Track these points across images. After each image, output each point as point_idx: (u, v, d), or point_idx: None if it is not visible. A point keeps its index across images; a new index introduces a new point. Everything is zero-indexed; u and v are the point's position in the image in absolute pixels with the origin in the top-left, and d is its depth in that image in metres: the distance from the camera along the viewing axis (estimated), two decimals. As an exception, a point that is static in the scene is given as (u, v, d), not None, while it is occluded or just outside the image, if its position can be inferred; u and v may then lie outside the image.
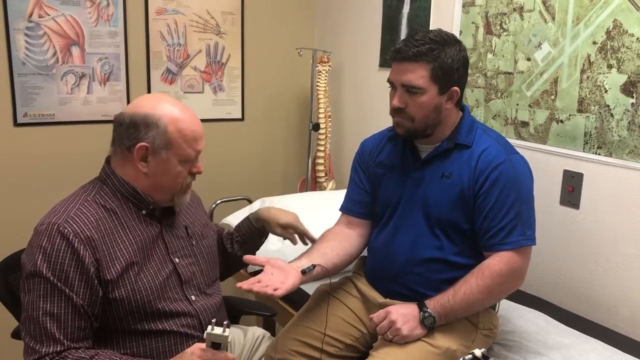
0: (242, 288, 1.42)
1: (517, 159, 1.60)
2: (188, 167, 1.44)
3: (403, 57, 1.54)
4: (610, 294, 1.93)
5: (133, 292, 1.36)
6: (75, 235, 1.30)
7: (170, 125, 1.38)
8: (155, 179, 1.42)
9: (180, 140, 1.40)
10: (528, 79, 2.12)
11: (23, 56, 2.51)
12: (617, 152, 1.87)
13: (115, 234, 1.37)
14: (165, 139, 1.38)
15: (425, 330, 1.53)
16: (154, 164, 1.40)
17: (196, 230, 1.58)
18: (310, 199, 2.62)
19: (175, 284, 1.46)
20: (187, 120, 1.42)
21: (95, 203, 1.39)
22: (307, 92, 3.12)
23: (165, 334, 1.41)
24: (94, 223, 1.34)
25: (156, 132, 1.38)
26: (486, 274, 1.52)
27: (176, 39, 2.86)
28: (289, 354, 1.63)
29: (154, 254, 1.44)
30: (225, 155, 3.06)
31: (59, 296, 1.28)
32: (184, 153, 1.41)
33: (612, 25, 1.84)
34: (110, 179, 1.42)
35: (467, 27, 2.33)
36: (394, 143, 1.73)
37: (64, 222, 1.31)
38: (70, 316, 1.29)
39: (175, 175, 1.42)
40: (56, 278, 1.28)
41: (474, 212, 1.57)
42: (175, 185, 1.44)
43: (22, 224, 2.50)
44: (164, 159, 1.40)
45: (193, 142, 1.42)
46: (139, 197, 1.42)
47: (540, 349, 1.69)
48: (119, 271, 1.35)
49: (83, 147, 2.69)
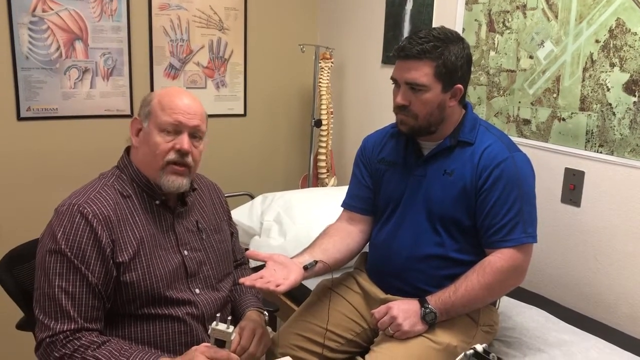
0: (244, 284, 1.42)
1: (519, 156, 1.60)
2: (169, 140, 1.42)
3: (407, 54, 1.54)
4: (610, 291, 1.93)
5: (143, 277, 1.39)
6: (94, 215, 1.34)
7: (155, 98, 1.46)
8: (141, 152, 1.46)
9: (157, 108, 1.43)
10: (530, 77, 2.13)
11: (27, 50, 2.51)
12: (618, 150, 1.88)
13: (130, 219, 1.41)
14: (147, 110, 1.45)
15: (426, 326, 1.54)
16: (141, 136, 1.46)
17: (208, 225, 1.59)
18: (312, 195, 2.62)
19: (182, 275, 1.47)
20: (174, 95, 1.46)
21: (113, 188, 1.43)
22: (309, 89, 3.12)
23: (169, 319, 1.43)
24: (112, 205, 1.39)
25: (144, 106, 1.46)
26: (487, 270, 1.53)
27: (179, 35, 2.87)
28: (291, 348, 1.63)
29: (165, 243, 1.46)
30: (228, 150, 3.07)
31: (75, 274, 1.31)
32: (160, 120, 1.42)
33: (615, 23, 1.84)
34: (127, 168, 1.47)
35: (470, 24, 2.33)
36: (396, 140, 1.73)
37: (84, 202, 1.36)
38: (85, 295, 1.31)
39: (153, 145, 1.42)
40: (74, 256, 1.31)
41: (476, 209, 1.58)
42: (156, 160, 1.43)
43: (25, 217, 2.53)
44: (146, 130, 1.44)
45: (169, 110, 1.42)
46: (150, 186, 1.45)
47: (541, 346, 1.70)
48: (130, 254, 1.38)
49: (86, 142, 2.70)
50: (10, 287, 1.51)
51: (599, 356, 1.66)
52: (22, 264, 1.56)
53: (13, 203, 2.59)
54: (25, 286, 1.53)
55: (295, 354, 1.62)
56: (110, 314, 1.39)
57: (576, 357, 1.65)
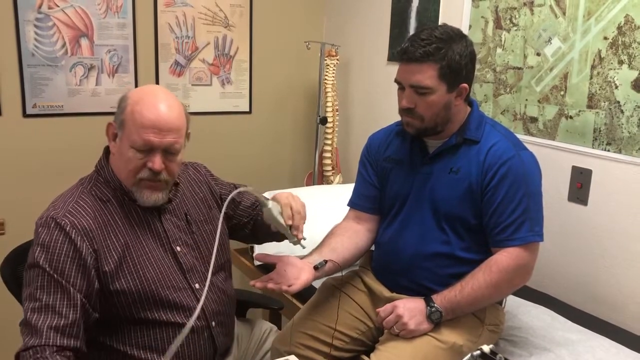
0: (255, 286, 1.42)
1: (526, 154, 1.59)
2: (141, 158, 1.34)
3: (410, 58, 1.52)
4: (618, 290, 1.92)
5: (134, 282, 1.36)
6: (73, 226, 1.31)
7: (129, 106, 1.34)
8: (117, 160, 1.40)
9: (130, 123, 1.33)
10: (537, 74, 2.11)
11: (32, 47, 2.52)
12: (626, 148, 1.86)
13: (112, 225, 1.37)
14: (120, 119, 1.36)
15: (432, 325, 1.53)
16: (117, 145, 1.38)
17: (198, 216, 1.54)
18: (317, 192, 2.62)
19: (178, 272, 1.44)
20: (146, 105, 1.32)
21: (91, 195, 1.39)
22: (315, 86, 3.11)
23: (170, 325, 1.41)
24: (91, 214, 1.35)
25: (119, 112, 1.36)
26: (494, 269, 1.52)
27: (185, 32, 2.86)
28: (297, 347, 1.63)
29: (153, 243, 1.42)
30: (232, 148, 3.06)
31: (55, 287, 1.27)
32: (130, 137, 1.33)
33: (624, 20, 1.82)
34: (103, 170, 1.42)
35: (477, 21, 2.31)
36: (401, 138, 1.72)
37: (62, 215, 1.32)
38: (66, 309, 1.26)
39: (126, 160, 1.35)
40: (53, 270, 1.27)
41: (482, 207, 1.57)
42: (129, 175, 1.37)
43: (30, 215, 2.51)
44: (121, 139, 1.36)
45: (140, 129, 1.31)
46: (123, 191, 1.40)
47: (547, 345, 1.69)
48: (116, 261, 1.34)
49: (91, 139, 2.67)
50: (14, 285, 1.50)
51: (606, 356, 1.65)
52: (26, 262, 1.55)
53: (18, 200, 2.59)
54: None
55: (302, 352, 1.62)
56: (111, 321, 1.37)
57: (583, 356, 1.64)
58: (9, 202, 2.58)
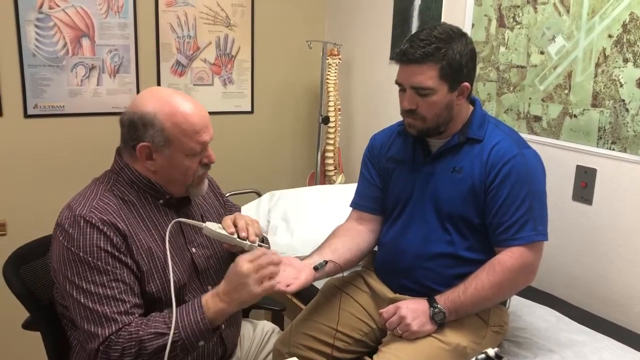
0: None
1: (529, 153, 1.58)
2: (197, 159, 1.39)
3: (410, 59, 1.51)
4: (623, 291, 1.90)
5: (162, 285, 1.36)
6: (103, 222, 1.30)
7: (166, 122, 1.33)
8: (165, 175, 1.40)
9: (179, 136, 1.34)
10: (541, 73, 2.09)
11: (33, 47, 2.51)
12: (631, 147, 1.84)
13: (135, 226, 1.36)
14: (164, 137, 1.34)
15: (435, 326, 1.52)
16: (160, 161, 1.37)
17: (211, 217, 1.56)
18: (320, 192, 2.60)
19: (193, 274, 1.45)
20: (184, 113, 1.34)
21: (112, 195, 1.37)
22: (316, 85, 3.11)
23: None
24: (116, 212, 1.34)
25: (153, 131, 1.33)
26: (497, 269, 1.51)
27: (186, 31, 2.85)
28: (299, 348, 1.62)
29: (174, 243, 1.43)
30: (234, 148, 3.05)
31: (107, 275, 1.28)
32: (187, 147, 1.36)
33: (629, 18, 1.81)
34: (124, 171, 1.41)
35: (480, 19, 2.30)
36: (404, 138, 1.71)
37: (88, 212, 1.31)
38: (123, 285, 1.29)
39: (184, 169, 1.38)
40: (96, 259, 1.28)
41: (485, 206, 1.56)
42: (186, 179, 1.40)
43: (31, 216, 2.53)
44: (168, 156, 1.36)
45: (194, 135, 1.35)
46: (155, 188, 1.41)
47: (552, 346, 1.67)
48: (147, 263, 1.35)
49: (93, 139, 2.69)
50: (17, 287, 1.49)
51: (612, 357, 1.63)
52: (29, 263, 1.54)
53: (20, 201, 2.59)
54: (31, 286, 1.51)
55: (304, 353, 1.61)
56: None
57: (588, 358, 1.62)
58: (10, 202, 2.58)
